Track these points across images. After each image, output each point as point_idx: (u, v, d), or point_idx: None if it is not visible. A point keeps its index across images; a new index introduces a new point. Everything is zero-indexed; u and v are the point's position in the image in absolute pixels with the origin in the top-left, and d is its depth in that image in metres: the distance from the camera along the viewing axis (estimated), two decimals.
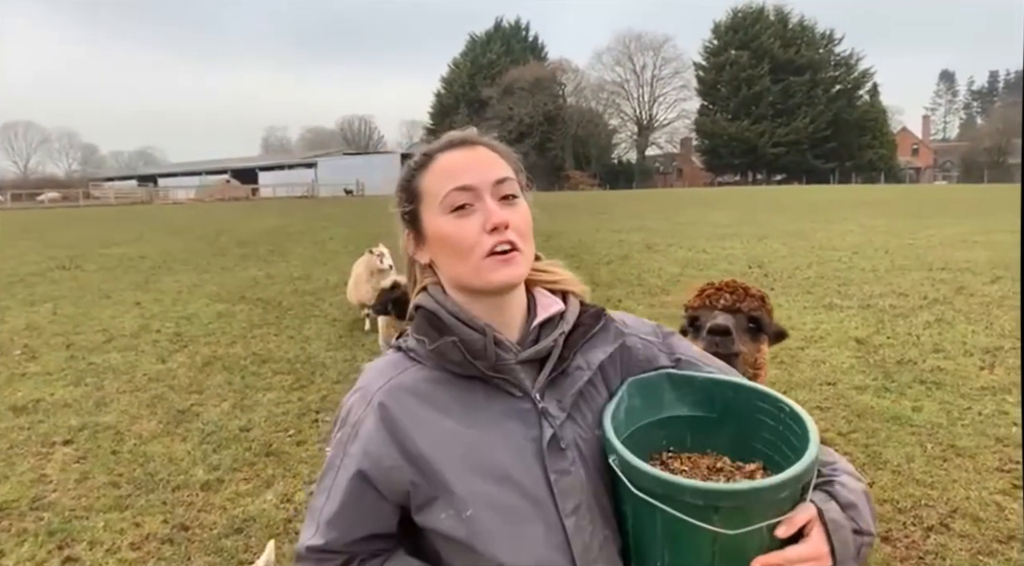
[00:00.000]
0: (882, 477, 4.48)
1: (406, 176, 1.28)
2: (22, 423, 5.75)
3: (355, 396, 1.23)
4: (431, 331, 1.21)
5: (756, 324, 1.88)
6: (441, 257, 1.24)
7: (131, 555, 3.79)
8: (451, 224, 1.18)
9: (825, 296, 10.05)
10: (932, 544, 3.70)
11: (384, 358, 1.28)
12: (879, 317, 8.66)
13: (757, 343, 1.88)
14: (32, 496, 4.47)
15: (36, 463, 4.99)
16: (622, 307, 9.87)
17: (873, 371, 6.61)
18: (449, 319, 1.21)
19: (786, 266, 12.88)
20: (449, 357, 1.18)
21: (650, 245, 16.92)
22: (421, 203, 1.24)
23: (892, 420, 5.38)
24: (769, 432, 1.20)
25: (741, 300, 1.89)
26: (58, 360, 7.59)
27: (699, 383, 1.27)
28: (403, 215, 1.29)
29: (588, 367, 1.24)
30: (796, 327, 8.35)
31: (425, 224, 1.24)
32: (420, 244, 1.28)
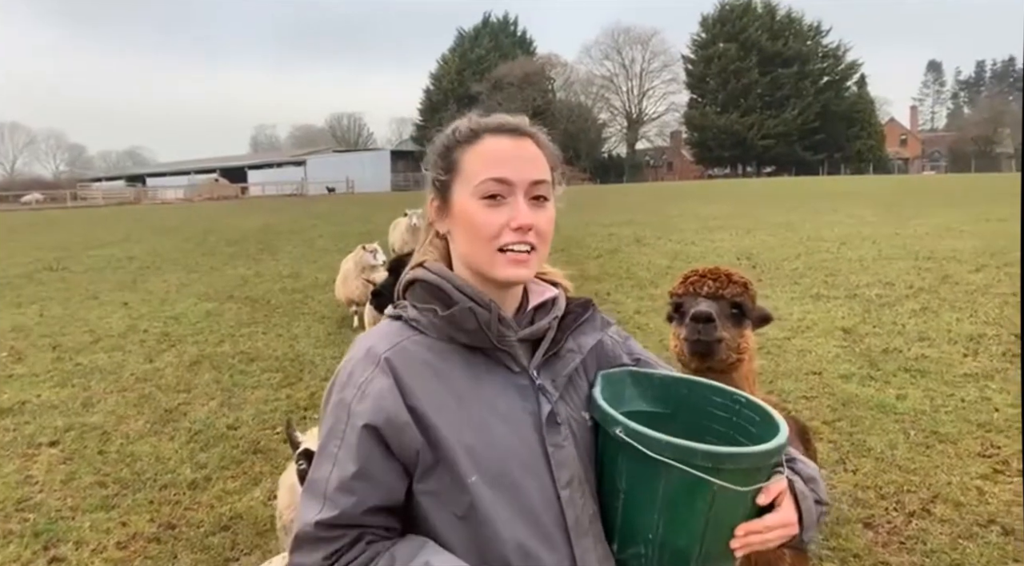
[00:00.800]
0: (866, 464, 4.52)
1: (448, 144, 1.29)
2: (8, 424, 5.73)
3: (358, 358, 1.22)
4: (437, 302, 1.24)
5: (739, 310, 1.91)
6: (460, 235, 1.26)
7: (117, 554, 3.79)
8: (480, 210, 1.22)
9: (812, 286, 10.10)
10: (914, 529, 3.74)
11: (384, 325, 1.29)
12: (865, 306, 8.72)
13: (740, 328, 1.91)
14: (18, 497, 4.46)
15: (22, 464, 4.98)
16: (611, 300, 9.90)
17: (859, 360, 6.65)
18: (455, 293, 1.23)
19: (774, 257, 12.93)
20: (462, 325, 1.22)
21: (639, 238, 16.95)
22: (456, 177, 1.26)
23: (876, 408, 5.42)
24: (721, 424, 1.30)
25: (724, 287, 1.91)
26: (44, 361, 7.56)
27: (657, 380, 1.38)
28: (435, 181, 1.30)
29: (579, 350, 1.32)
30: (783, 318, 8.39)
31: (455, 199, 1.26)
32: (444, 214, 1.30)
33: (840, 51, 77.27)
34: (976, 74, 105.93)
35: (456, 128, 1.30)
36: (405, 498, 1.18)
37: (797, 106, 73.51)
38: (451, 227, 1.29)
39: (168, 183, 72.57)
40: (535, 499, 1.17)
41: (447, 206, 1.28)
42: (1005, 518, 3.77)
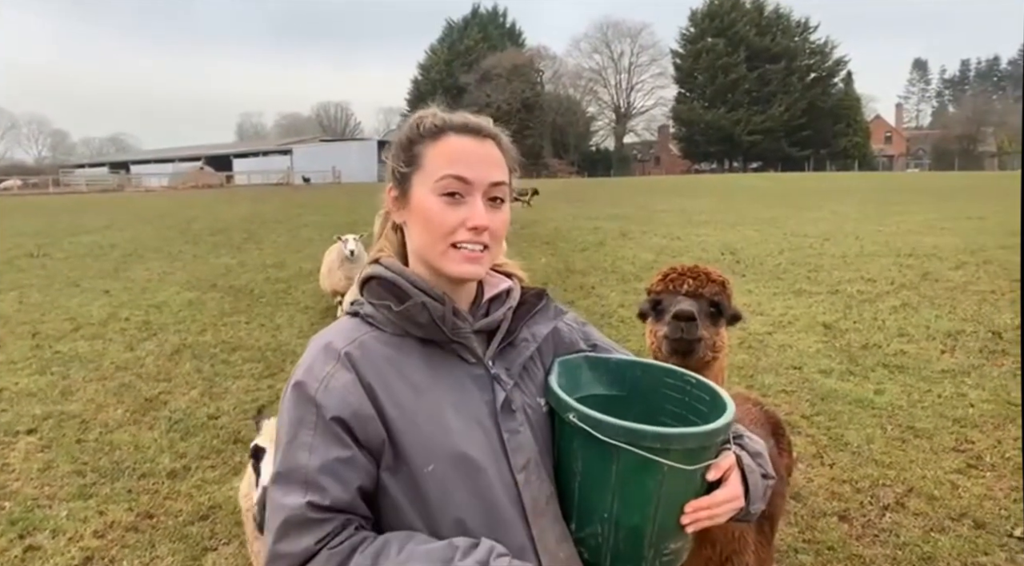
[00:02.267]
0: (842, 458, 4.57)
1: (412, 137, 1.31)
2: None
3: (317, 354, 1.23)
4: (392, 298, 1.26)
5: (717, 309, 1.92)
6: (416, 228, 1.29)
7: (94, 543, 3.77)
8: (437, 205, 1.24)
9: (795, 282, 10.17)
10: (887, 522, 3.79)
11: (342, 322, 1.31)
12: (847, 302, 8.79)
13: (717, 327, 1.92)
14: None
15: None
16: (596, 294, 9.93)
17: (838, 355, 6.72)
18: (410, 288, 1.26)
19: (758, 253, 13.00)
20: (416, 319, 1.24)
21: (625, 232, 16.99)
22: (417, 171, 1.28)
23: (855, 403, 5.48)
24: (674, 404, 1.36)
25: (704, 285, 1.93)
26: (23, 349, 7.49)
27: (612, 364, 1.43)
28: (395, 172, 1.32)
29: (534, 339, 1.37)
30: (765, 313, 8.46)
31: (413, 192, 1.28)
32: (401, 205, 1.32)
33: (827, 48, 77.73)
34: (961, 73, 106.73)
35: (420, 122, 1.31)
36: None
37: (784, 102, 73.88)
38: (407, 219, 1.31)
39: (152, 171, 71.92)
40: (493, 483, 1.20)
41: (405, 198, 1.30)
42: (977, 512, 3.83)
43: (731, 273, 11.05)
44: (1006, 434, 4.81)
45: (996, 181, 37.61)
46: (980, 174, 52.92)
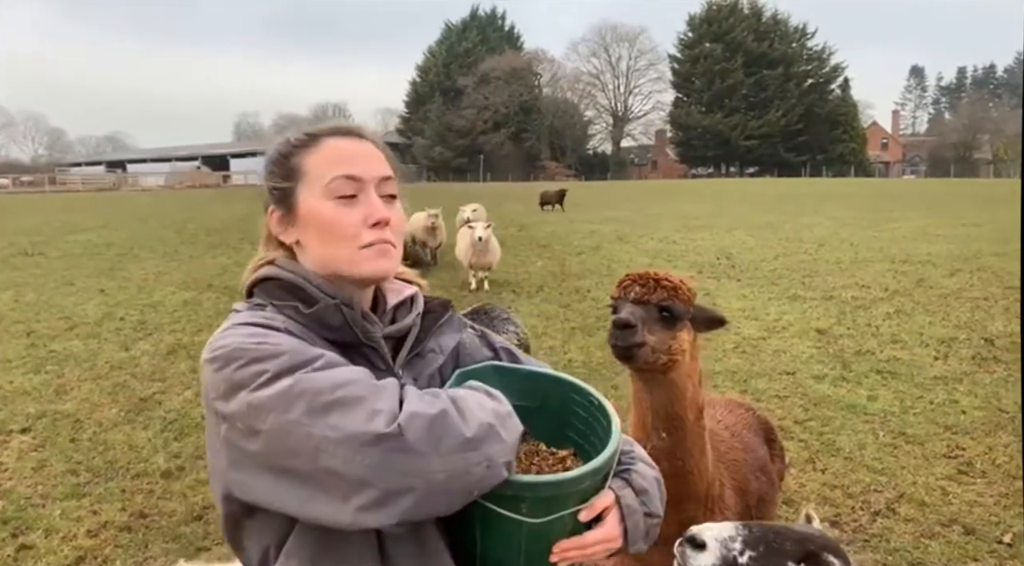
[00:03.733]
0: (834, 463, 4.59)
1: (284, 151, 1.26)
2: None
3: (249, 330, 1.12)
4: (295, 300, 1.19)
5: (668, 313, 1.94)
6: (314, 240, 1.22)
7: (87, 543, 3.77)
8: (333, 210, 1.20)
9: (790, 287, 10.20)
10: (878, 527, 3.81)
11: (240, 327, 1.14)
12: (841, 308, 8.83)
13: (672, 331, 1.93)
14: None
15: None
16: (591, 297, 9.95)
17: (832, 361, 6.74)
18: (314, 291, 1.19)
19: (753, 258, 13.05)
20: (327, 321, 1.17)
21: (621, 236, 17.05)
22: (300, 182, 1.23)
23: (847, 408, 5.50)
24: (580, 422, 1.28)
25: (651, 292, 1.95)
26: (18, 348, 7.48)
27: (523, 374, 1.34)
28: (273, 190, 1.26)
29: (441, 351, 1.32)
30: (760, 317, 8.49)
31: (301, 204, 1.22)
32: (289, 223, 1.25)
33: (825, 54, 78.20)
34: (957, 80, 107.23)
35: (289, 137, 1.27)
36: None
37: (781, 108, 74.19)
38: (300, 235, 1.24)
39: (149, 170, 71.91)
40: None
41: (292, 214, 1.24)
42: (967, 518, 3.85)
43: (726, 278, 11.12)
44: (997, 441, 4.84)
45: (992, 188, 37.80)
46: (976, 181, 53.19)
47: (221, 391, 1.06)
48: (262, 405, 1.01)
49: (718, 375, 6.42)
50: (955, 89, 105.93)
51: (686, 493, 2.03)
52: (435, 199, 21.08)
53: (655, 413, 2.01)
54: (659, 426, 2.01)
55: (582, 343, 7.47)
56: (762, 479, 2.33)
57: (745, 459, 2.32)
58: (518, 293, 10.40)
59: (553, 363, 6.63)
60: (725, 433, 2.41)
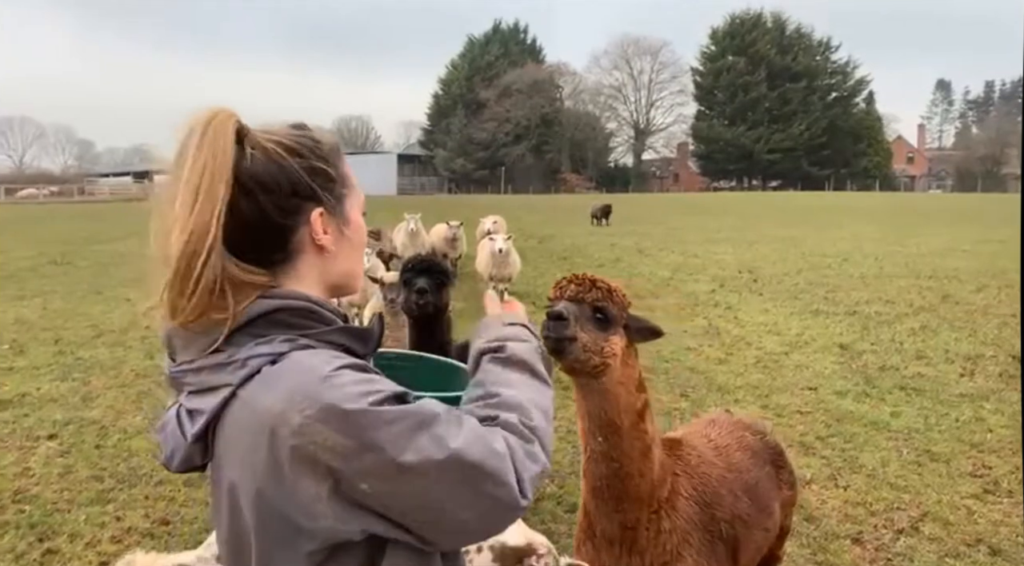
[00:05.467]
0: (857, 480, 4.53)
1: (335, 153, 1.25)
2: (7, 417, 5.77)
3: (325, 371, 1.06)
4: (319, 324, 1.15)
5: (602, 315, 1.96)
6: (346, 250, 1.24)
7: (111, 548, 3.82)
8: (364, 226, 1.28)
9: (812, 302, 10.12)
10: (901, 546, 3.76)
11: (308, 356, 1.09)
12: (864, 323, 8.74)
13: (605, 333, 1.96)
14: (15, 489, 4.50)
15: (20, 456, 5.01)
16: None
17: (855, 377, 6.67)
18: (327, 315, 1.17)
19: (776, 272, 12.96)
20: (375, 337, 1.23)
21: (642, 249, 17.01)
22: (349, 192, 1.25)
23: (870, 425, 5.44)
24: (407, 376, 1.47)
25: (586, 291, 1.99)
26: (46, 355, 7.61)
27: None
28: (328, 191, 1.21)
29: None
30: (782, 332, 8.42)
31: (350, 217, 1.24)
32: (335, 228, 1.22)
33: (849, 67, 77.74)
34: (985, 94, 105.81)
35: (323, 142, 1.24)
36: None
37: (804, 121, 73.79)
38: (336, 242, 1.22)
39: None
40: None
41: (342, 218, 1.23)
42: (993, 538, 3.79)
43: (748, 292, 11.04)
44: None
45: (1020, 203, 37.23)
46: (1003, 196, 52.41)
47: (347, 451, 1.00)
48: (410, 466, 1.01)
49: (739, 389, 6.38)
50: (983, 103, 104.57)
51: (627, 494, 2.06)
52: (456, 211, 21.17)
53: (591, 417, 2.05)
54: (595, 430, 2.05)
55: None
56: (744, 501, 2.31)
57: (723, 476, 2.31)
58: (537, 305, 10.36)
59: None
60: (706, 448, 2.41)
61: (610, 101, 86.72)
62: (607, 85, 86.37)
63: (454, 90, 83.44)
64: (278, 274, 1.18)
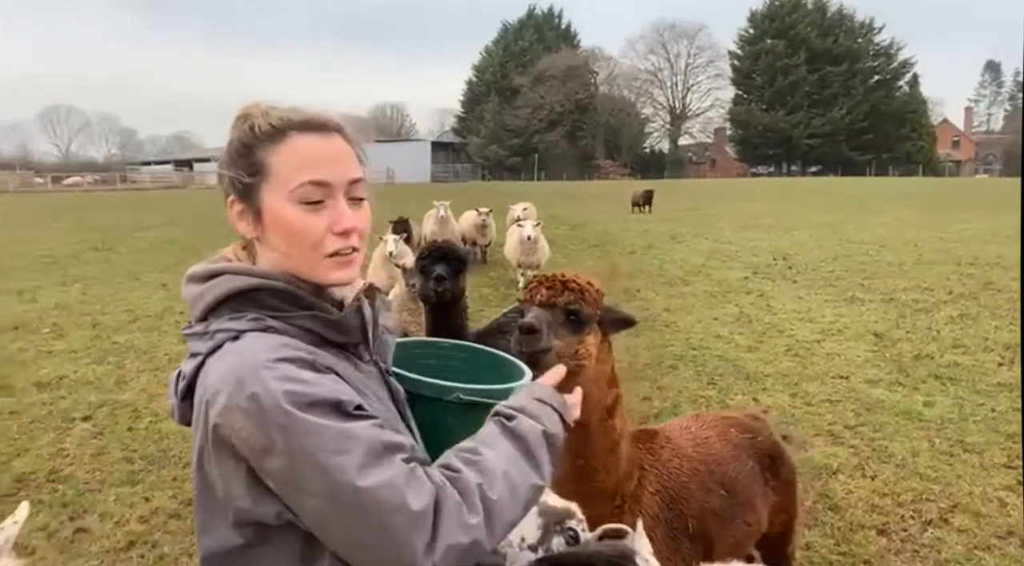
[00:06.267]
0: (885, 470, 4.44)
1: (248, 142, 1.19)
2: (45, 399, 5.94)
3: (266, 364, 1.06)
4: (292, 307, 1.16)
5: (575, 317, 1.90)
6: (277, 242, 1.19)
7: (139, 528, 3.91)
8: (299, 216, 1.16)
9: (848, 289, 9.92)
10: (929, 538, 3.68)
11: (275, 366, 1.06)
12: (900, 311, 8.54)
13: (579, 335, 1.90)
14: (49, 469, 4.63)
15: (56, 437, 5.15)
16: (640, 297, 9.85)
17: (888, 365, 6.53)
18: (307, 299, 1.18)
19: (811, 259, 12.73)
20: (349, 325, 1.21)
21: (675, 236, 16.82)
22: (266, 180, 1.17)
23: (902, 414, 5.32)
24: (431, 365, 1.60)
25: (558, 295, 1.91)
26: (84, 339, 7.80)
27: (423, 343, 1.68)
28: (236, 183, 1.19)
29: (389, 331, 1.39)
30: (815, 320, 8.28)
31: (266, 204, 1.17)
32: (250, 219, 1.21)
33: (892, 49, 75.63)
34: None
35: (254, 124, 1.19)
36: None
37: (845, 105, 72.12)
38: (261, 234, 1.20)
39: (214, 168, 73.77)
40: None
41: (255, 211, 1.19)
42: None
43: (782, 279, 10.87)
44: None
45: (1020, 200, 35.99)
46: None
47: (259, 447, 1.02)
48: (308, 486, 1.02)
49: (768, 377, 6.29)
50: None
51: (592, 489, 2.03)
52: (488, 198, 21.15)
53: None
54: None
55: (628, 344, 7.39)
56: (718, 494, 2.25)
57: (696, 470, 2.25)
58: None
59: None
60: (683, 441, 2.35)
61: (646, 86, 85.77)
62: (643, 70, 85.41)
63: (488, 76, 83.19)
64: (258, 255, 1.26)
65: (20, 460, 4.76)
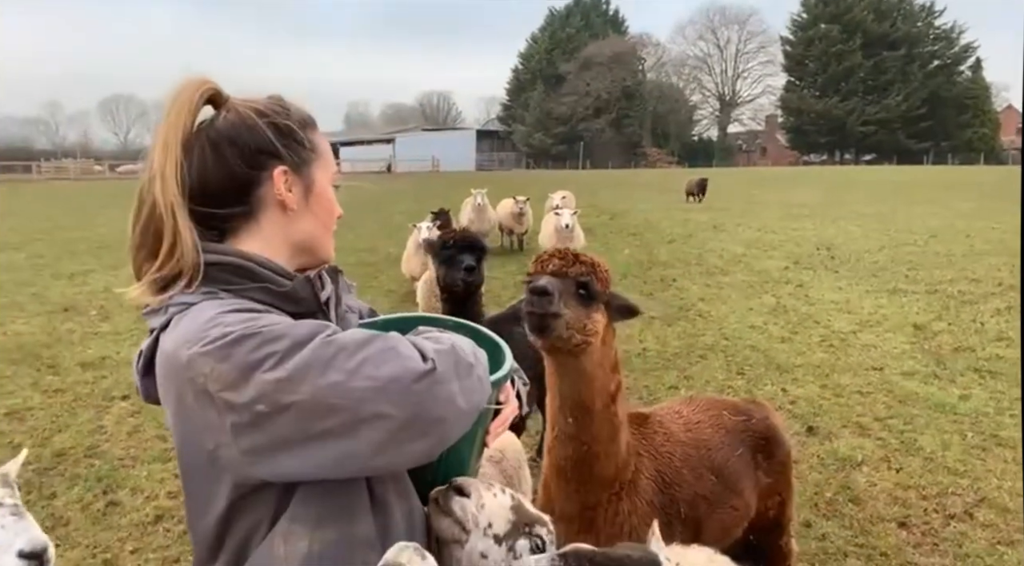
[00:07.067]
0: (912, 463, 4.35)
1: (301, 122, 1.31)
2: (88, 377, 6.18)
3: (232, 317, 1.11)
4: (244, 280, 1.21)
5: (585, 290, 1.88)
6: (310, 215, 1.32)
7: (167, 503, 4.05)
8: (333, 196, 1.36)
9: (891, 280, 9.67)
10: (951, 532, 3.59)
11: (225, 315, 1.12)
12: (944, 303, 8.30)
13: (588, 310, 1.87)
14: (88, 445, 4.82)
15: (95, 415, 5.36)
16: (676, 286, 9.76)
17: (926, 357, 6.37)
18: (260, 270, 1.22)
19: (856, 249, 12.43)
20: (299, 295, 1.25)
21: (717, 224, 16.59)
22: (319, 160, 1.33)
23: (935, 407, 5.19)
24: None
25: (570, 266, 1.89)
26: (128, 321, 8.05)
27: (380, 324, 1.52)
28: (292, 151, 1.28)
29: (352, 310, 1.45)
30: (853, 311, 8.10)
31: (317, 181, 1.32)
32: (303, 193, 1.30)
33: (954, 33, 72.91)
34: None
35: (292, 109, 1.32)
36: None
37: (902, 91, 69.90)
38: (302, 205, 1.30)
39: None
40: None
41: (306, 185, 1.31)
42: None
43: (823, 269, 10.65)
44: None
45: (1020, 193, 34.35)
46: None
47: (231, 379, 1.04)
48: (291, 377, 1.04)
49: (799, 368, 6.19)
50: None
51: (591, 476, 2.02)
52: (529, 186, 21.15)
53: (562, 397, 1.99)
54: (566, 411, 1.99)
55: (659, 332, 7.34)
56: (708, 479, 2.23)
57: (687, 455, 2.24)
58: None
59: (626, 351, 6.57)
60: (674, 424, 2.33)
61: (695, 72, 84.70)
62: (692, 56, 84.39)
63: (534, 64, 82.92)
64: (239, 229, 1.27)
65: (60, 436, 4.96)
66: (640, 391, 5.70)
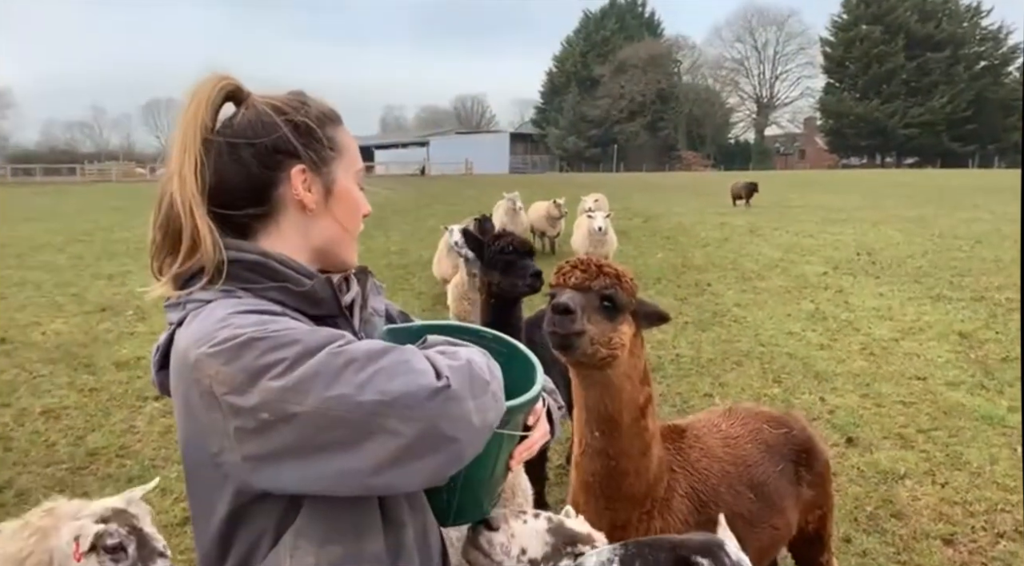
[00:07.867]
0: (958, 478, 4.18)
1: (323, 118, 1.26)
2: (122, 378, 6.24)
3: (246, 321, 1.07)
4: (263, 279, 1.18)
5: (610, 302, 1.79)
6: (330, 216, 1.27)
7: None
8: (358, 197, 1.31)
9: (935, 287, 9.39)
10: (1000, 551, 3.43)
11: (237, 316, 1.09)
12: (991, 310, 8.03)
13: (614, 323, 1.78)
14: (120, 444, 4.86)
15: (128, 415, 5.41)
16: (711, 291, 9.60)
17: (972, 367, 6.15)
18: (281, 268, 1.19)
19: (898, 254, 12.12)
20: (319, 296, 1.21)
21: (754, 229, 16.32)
22: (341, 158, 1.28)
23: (982, 419, 5.00)
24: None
25: (593, 278, 1.79)
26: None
27: (415, 330, 1.46)
28: (311, 149, 1.23)
29: (377, 313, 1.37)
30: (895, 318, 7.88)
31: (338, 180, 1.27)
32: (323, 192, 1.26)
33: (1002, 33, 70.93)
34: None
35: (312, 105, 1.26)
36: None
37: (947, 93, 68.20)
38: (323, 205, 1.26)
39: None
40: None
41: (327, 184, 1.26)
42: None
43: (863, 275, 10.39)
44: None
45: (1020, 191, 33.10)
46: None
47: (236, 383, 1.01)
48: (297, 386, 1.00)
49: (838, 377, 6.02)
50: None
51: (620, 493, 1.93)
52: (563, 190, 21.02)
53: (589, 410, 1.91)
54: (592, 424, 1.90)
55: (692, 338, 7.20)
56: (747, 497, 2.12)
57: (725, 471, 2.12)
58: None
59: (658, 357, 6.45)
60: (713, 439, 2.22)
61: (732, 75, 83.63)
62: (729, 58, 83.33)
63: (568, 67, 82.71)
64: (258, 230, 1.25)
65: (94, 435, 5.01)
66: (673, 398, 5.59)
